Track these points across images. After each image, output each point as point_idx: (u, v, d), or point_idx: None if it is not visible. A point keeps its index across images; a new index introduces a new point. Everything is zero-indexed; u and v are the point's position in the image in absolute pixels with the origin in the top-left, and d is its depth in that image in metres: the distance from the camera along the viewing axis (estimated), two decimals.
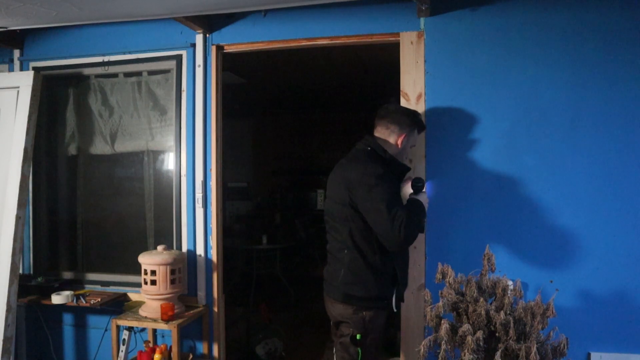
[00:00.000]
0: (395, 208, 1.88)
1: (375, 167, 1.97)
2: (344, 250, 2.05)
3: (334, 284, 2.10)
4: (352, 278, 2.03)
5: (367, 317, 2.02)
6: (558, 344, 1.62)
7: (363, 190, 1.95)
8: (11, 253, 2.61)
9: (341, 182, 2.04)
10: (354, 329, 2.03)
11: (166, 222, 2.86)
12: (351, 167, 2.04)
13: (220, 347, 2.76)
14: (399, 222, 1.86)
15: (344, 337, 2.06)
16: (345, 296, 2.05)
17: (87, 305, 2.68)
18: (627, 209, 2.24)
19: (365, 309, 2.02)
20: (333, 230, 2.13)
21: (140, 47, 2.83)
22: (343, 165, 2.11)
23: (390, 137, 2.10)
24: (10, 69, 3.06)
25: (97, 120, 2.99)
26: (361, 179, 1.96)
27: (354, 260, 2.03)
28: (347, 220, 2.03)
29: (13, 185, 2.67)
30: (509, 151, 2.34)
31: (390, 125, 2.10)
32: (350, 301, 2.04)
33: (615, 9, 2.24)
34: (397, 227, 1.86)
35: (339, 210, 2.07)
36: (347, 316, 2.05)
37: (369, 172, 1.96)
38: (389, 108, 2.15)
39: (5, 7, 2.04)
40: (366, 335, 2.02)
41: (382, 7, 2.48)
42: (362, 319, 2.02)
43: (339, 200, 2.06)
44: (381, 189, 1.92)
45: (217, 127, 2.74)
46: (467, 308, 1.68)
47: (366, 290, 2.01)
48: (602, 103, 2.25)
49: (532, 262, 2.32)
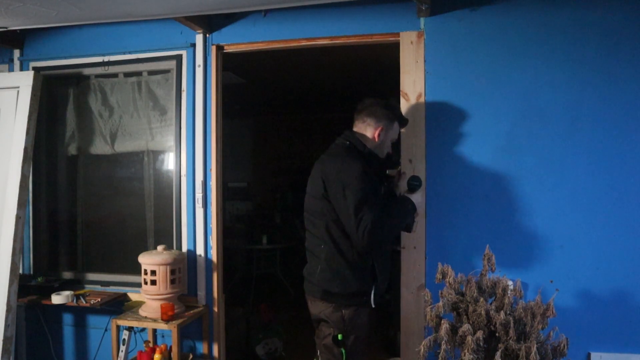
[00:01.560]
0: (362, 212, 1.85)
1: (353, 164, 1.93)
2: (321, 246, 2.02)
3: (313, 281, 2.06)
4: (330, 274, 1.99)
5: (346, 315, 1.98)
6: (558, 344, 1.62)
7: (337, 187, 1.92)
8: (11, 253, 2.61)
9: (319, 176, 2.01)
10: (334, 328, 2.00)
11: (166, 222, 2.85)
12: (329, 162, 2.01)
13: (220, 347, 2.76)
14: (363, 226, 1.84)
15: (326, 338, 2.02)
16: (323, 293, 2.01)
17: (87, 305, 2.68)
18: (627, 209, 2.24)
19: (344, 307, 1.98)
20: (311, 225, 2.09)
21: (140, 47, 2.83)
22: (322, 160, 2.07)
23: (367, 130, 2.08)
24: (10, 69, 3.06)
25: (97, 120, 2.99)
26: (337, 175, 1.93)
27: (331, 255, 1.99)
28: (324, 214, 1.99)
29: (13, 185, 2.67)
30: (509, 151, 2.34)
31: (367, 118, 2.08)
32: (329, 298, 2.01)
33: (616, 8, 2.24)
34: (361, 231, 1.84)
35: (315, 204, 2.04)
36: (326, 314, 2.02)
37: (345, 169, 1.92)
38: (365, 102, 2.13)
39: (5, 7, 2.04)
40: (348, 335, 1.98)
41: (382, 7, 2.48)
42: (341, 317, 1.98)
43: (315, 194, 2.03)
44: (354, 188, 1.88)
45: (217, 127, 2.73)
46: (467, 308, 1.68)
47: (344, 286, 1.97)
48: (602, 103, 2.25)
49: (532, 262, 2.32)
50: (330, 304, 2.00)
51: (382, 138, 2.08)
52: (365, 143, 2.06)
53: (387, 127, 2.08)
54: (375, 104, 2.10)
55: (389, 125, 2.09)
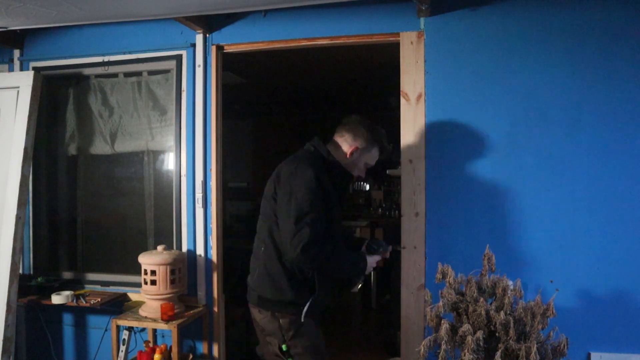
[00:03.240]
0: (302, 223, 1.74)
1: (306, 171, 1.83)
2: (262, 248, 1.95)
3: (251, 285, 2.00)
4: (266, 279, 1.91)
5: (283, 325, 1.89)
6: (558, 344, 1.62)
7: (284, 191, 1.84)
8: (11, 253, 2.61)
9: (274, 177, 1.95)
10: (273, 339, 1.92)
11: (166, 222, 2.85)
12: (287, 164, 1.94)
13: (220, 347, 2.76)
14: (299, 238, 1.73)
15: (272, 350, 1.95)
16: (258, 299, 1.94)
17: (87, 305, 2.68)
18: (627, 209, 2.23)
19: (280, 316, 1.89)
20: (258, 227, 2.03)
21: (140, 47, 2.83)
22: (284, 162, 1.99)
23: (343, 145, 2.01)
24: (10, 69, 3.05)
25: (97, 120, 2.99)
26: (288, 179, 1.86)
27: (269, 260, 1.91)
28: (270, 216, 1.92)
29: (13, 185, 2.67)
30: (509, 151, 2.34)
31: (345, 133, 2.02)
32: (263, 304, 1.93)
33: (616, 8, 2.23)
34: (296, 242, 1.74)
35: (264, 205, 1.97)
36: (264, 324, 1.94)
37: (297, 175, 1.84)
38: (351, 117, 2.07)
39: (5, 7, 2.04)
40: (292, 344, 1.89)
41: (382, 7, 2.48)
42: (278, 327, 1.90)
43: (266, 194, 1.97)
44: (301, 197, 1.78)
45: (217, 127, 2.74)
46: (467, 308, 1.68)
47: (278, 293, 1.88)
48: (602, 103, 2.25)
49: (532, 262, 2.32)
50: (266, 312, 1.92)
51: (354, 157, 2.01)
52: (334, 154, 2.00)
53: (363, 148, 2.01)
54: (359, 122, 2.03)
55: (365, 148, 2.01)
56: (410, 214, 2.44)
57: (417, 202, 2.42)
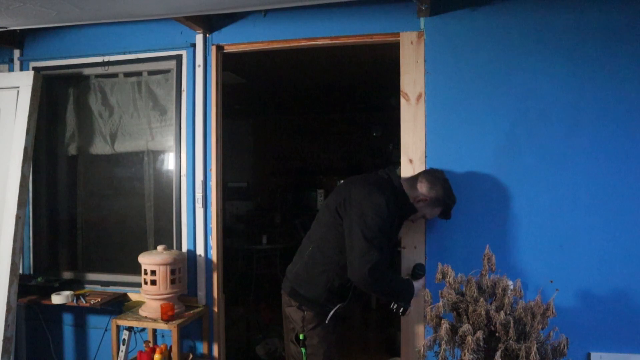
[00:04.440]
0: (372, 245, 1.87)
1: (379, 198, 1.95)
2: (309, 248, 2.10)
3: (288, 277, 2.17)
4: (304, 275, 2.09)
5: (306, 317, 2.05)
6: (558, 344, 1.62)
7: (355, 211, 1.96)
8: (11, 253, 2.61)
9: (344, 194, 2.06)
10: (295, 326, 2.08)
11: (166, 222, 2.86)
12: (360, 186, 2.05)
13: (220, 347, 2.76)
14: (367, 259, 1.85)
15: (290, 334, 2.12)
16: (291, 290, 2.11)
17: (87, 305, 2.68)
18: (627, 209, 2.23)
19: (307, 309, 2.07)
20: (312, 233, 2.17)
21: (140, 47, 2.83)
22: (355, 181, 2.12)
23: (418, 188, 2.09)
24: (10, 69, 3.05)
25: (97, 120, 2.99)
26: (360, 201, 1.96)
27: (313, 262, 2.07)
28: (326, 225, 2.08)
29: (13, 185, 2.67)
30: (509, 151, 2.34)
31: (425, 181, 2.10)
32: (294, 296, 2.10)
33: (616, 8, 2.23)
34: (363, 262, 1.85)
35: (325, 214, 2.12)
36: (290, 312, 2.12)
37: (370, 199, 1.96)
38: (438, 173, 2.14)
39: (5, 7, 2.04)
40: (308, 336, 2.05)
41: (382, 7, 2.48)
42: (302, 318, 2.07)
43: (331, 205, 2.09)
44: (371, 221, 1.90)
45: (217, 127, 2.73)
46: (467, 308, 1.68)
47: (311, 291, 2.06)
48: (602, 102, 2.25)
49: (532, 262, 2.32)
50: (295, 303, 2.10)
51: (420, 205, 2.09)
52: (406, 190, 2.08)
53: (432, 202, 2.09)
54: (442, 182, 2.12)
55: (434, 203, 2.10)
56: None
57: None
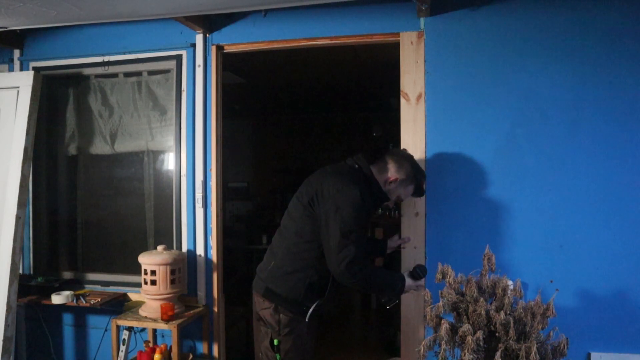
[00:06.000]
0: (348, 240, 1.84)
1: (353, 190, 1.90)
2: (283, 244, 2.03)
3: (261, 277, 2.07)
4: (279, 273, 2.00)
5: (282, 320, 1.97)
6: (558, 344, 1.62)
7: (330, 206, 1.90)
8: (11, 253, 2.61)
9: (315, 186, 2.00)
10: (270, 330, 1.99)
11: (166, 222, 2.85)
12: (332, 178, 1.99)
13: (220, 347, 2.76)
14: (344, 254, 1.83)
15: (264, 340, 2.02)
16: (266, 290, 2.01)
17: (87, 305, 2.68)
18: (628, 209, 2.23)
19: (282, 311, 1.97)
20: (283, 228, 2.10)
21: (140, 47, 2.83)
22: (325, 172, 2.06)
23: (386, 171, 2.05)
24: (10, 69, 3.05)
25: (97, 120, 2.99)
26: (334, 194, 1.91)
27: (289, 257, 1.99)
28: (300, 219, 2.00)
29: (13, 185, 2.67)
30: (509, 151, 2.34)
31: (391, 161, 2.06)
32: (269, 297, 2.00)
33: (616, 7, 2.23)
34: (342, 257, 1.83)
35: (297, 208, 2.04)
36: (264, 314, 2.01)
37: (344, 192, 1.90)
38: (401, 151, 2.12)
39: (5, 7, 2.04)
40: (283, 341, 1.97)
41: (382, 7, 2.48)
42: (277, 321, 1.98)
43: (302, 199, 2.03)
44: (347, 215, 1.86)
45: (217, 127, 2.73)
46: (467, 308, 1.68)
47: (288, 289, 1.97)
48: (602, 102, 2.25)
49: (532, 262, 2.32)
50: (270, 304, 1.99)
51: (391, 187, 2.05)
52: (377, 176, 2.04)
53: (402, 182, 2.05)
54: (408, 159, 2.09)
55: (405, 182, 2.06)
56: (410, 213, 2.44)
57: (417, 202, 2.41)
